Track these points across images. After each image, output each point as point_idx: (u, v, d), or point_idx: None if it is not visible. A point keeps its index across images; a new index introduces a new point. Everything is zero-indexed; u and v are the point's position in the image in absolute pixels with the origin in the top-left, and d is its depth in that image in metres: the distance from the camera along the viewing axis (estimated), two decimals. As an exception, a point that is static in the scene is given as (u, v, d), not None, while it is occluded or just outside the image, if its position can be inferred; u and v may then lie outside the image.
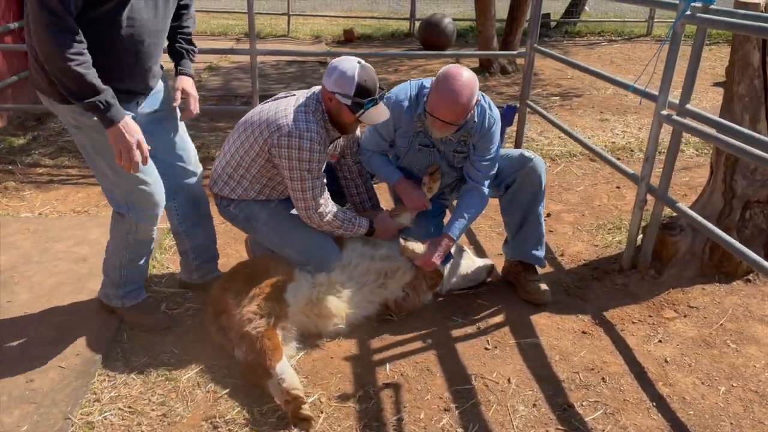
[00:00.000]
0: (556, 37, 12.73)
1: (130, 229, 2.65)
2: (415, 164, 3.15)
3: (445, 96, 2.74)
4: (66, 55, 2.11)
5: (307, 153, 2.68)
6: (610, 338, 2.92)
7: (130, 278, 2.83)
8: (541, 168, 3.08)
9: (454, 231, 3.00)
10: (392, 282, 2.99)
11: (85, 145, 2.46)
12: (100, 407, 2.40)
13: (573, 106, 7.50)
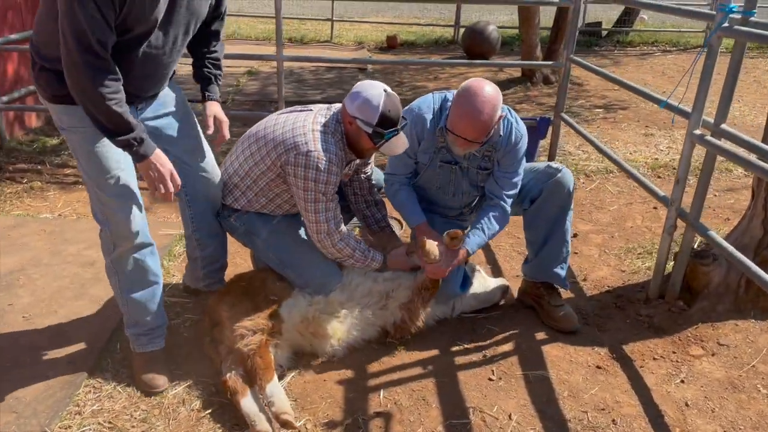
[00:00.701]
0: (607, 46, 12.32)
1: (110, 247, 2.45)
2: (435, 182, 2.99)
3: (466, 112, 2.58)
4: (103, 94, 2.06)
5: (325, 174, 2.57)
6: (627, 375, 2.69)
7: (134, 317, 2.57)
8: (569, 180, 2.89)
9: (472, 245, 2.83)
10: (392, 302, 2.84)
11: (75, 149, 2.36)
12: (81, 420, 2.34)
13: (617, 118, 7.19)
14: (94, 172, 2.30)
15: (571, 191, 2.88)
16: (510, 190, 2.87)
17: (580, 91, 8.51)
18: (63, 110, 2.24)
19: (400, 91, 8.53)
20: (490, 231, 2.87)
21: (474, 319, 3.09)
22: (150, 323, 2.59)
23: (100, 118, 2.12)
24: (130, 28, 2.11)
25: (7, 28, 5.32)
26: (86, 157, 2.30)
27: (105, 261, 2.50)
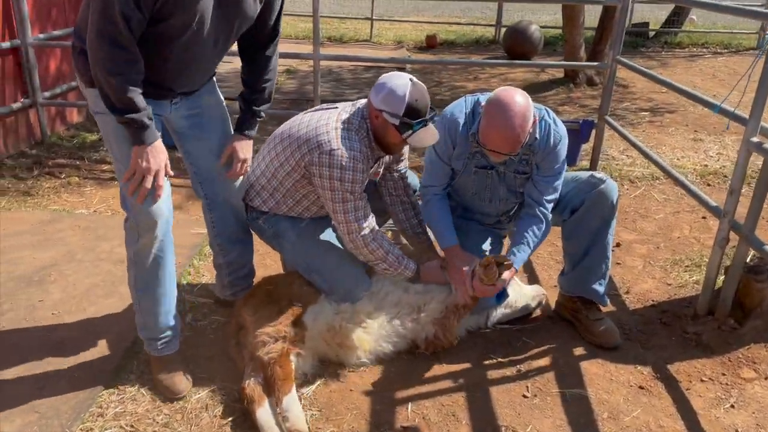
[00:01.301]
0: (655, 47, 11.94)
1: (133, 236, 2.37)
2: (470, 188, 2.86)
3: (496, 127, 2.45)
4: (113, 68, 2.02)
5: (350, 173, 2.48)
6: (672, 397, 2.52)
7: (149, 320, 2.48)
8: (613, 192, 2.73)
9: (518, 262, 2.70)
10: (424, 317, 2.73)
11: (106, 132, 2.31)
12: (102, 423, 2.30)
13: (664, 122, 6.93)
14: (124, 157, 2.24)
15: (614, 203, 2.73)
16: (550, 195, 2.73)
17: (625, 94, 8.24)
18: (98, 94, 2.15)
19: (438, 91, 8.41)
20: (534, 244, 2.74)
21: (509, 331, 2.96)
22: (161, 327, 2.49)
23: (108, 90, 2.06)
24: (167, 15, 2.06)
25: (50, 25, 5.39)
26: (117, 140, 2.25)
27: (127, 253, 2.44)
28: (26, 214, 4.00)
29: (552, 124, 2.65)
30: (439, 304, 2.73)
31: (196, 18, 2.11)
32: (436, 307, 2.72)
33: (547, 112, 2.68)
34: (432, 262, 2.82)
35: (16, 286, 3.11)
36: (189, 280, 3.29)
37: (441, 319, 2.74)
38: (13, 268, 3.28)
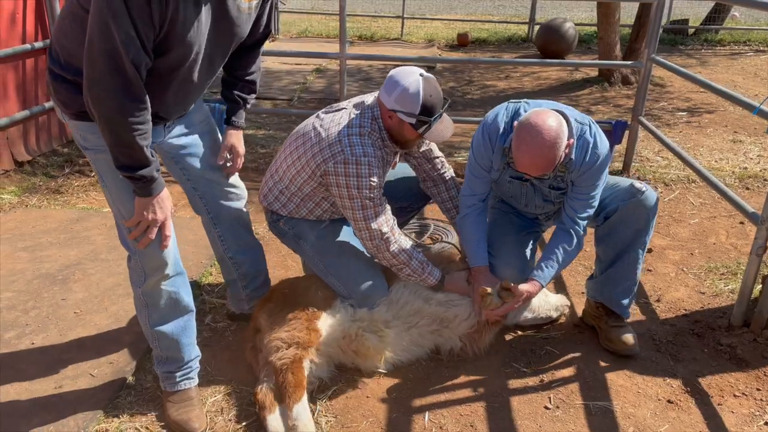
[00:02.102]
0: (694, 45, 11.60)
1: (140, 277, 2.22)
2: (507, 192, 2.82)
3: (526, 152, 2.35)
4: (130, 124, 1.86)
5: (366, 180, 2.45)
6: (702, 413, 2.41)
7: (165, 352, 2.36)
8: (651, 203, 2.62)
9: (545, 279, 2.61)
10: (447, 331, 2.67)
11: (101, 170, 2.11)
12: (118, 424, 2.30)
13: (702, 123, 6.71)
14: (123, 197, 2.09)
15: (651, 216, 2.62)
16: (584, 213, 2.62)
17: (662, 93, 8.02)
18: (88, 128, 2.01)
19: (468, 90, 8.30)
20: (563, 262, 2.65)
21: (533, 339, 2.87)
22: (183, 358, 2.37)
23: (120, 148, 1.90)
24: (167, 50, 1.91)
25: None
26: (115, 180, 2.07)
27: (134, 292, 2.29)
28: (55, 212, 4.05)
29: (591, 144, 2.50)
30: (463, 322, 2.66)
31: (194, 48, 1.98)
32: (462, 326, 2.66)
33: (590, 128, 2.53)
34: (459, 272, 2.76)
35: (41, 284, 3.15)
36: (210, 280, 3.29)
37: (472, 333, 2.68)
38: (39, 266, 3.32)
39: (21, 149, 4.73)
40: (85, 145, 2.09)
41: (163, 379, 2.39)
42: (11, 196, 4.30)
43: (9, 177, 4.56)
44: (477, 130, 2.70)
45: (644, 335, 2.87)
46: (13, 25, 4.60)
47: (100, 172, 2.12)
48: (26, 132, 4.80)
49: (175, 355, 2.36)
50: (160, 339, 2.33)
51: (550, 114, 2.36)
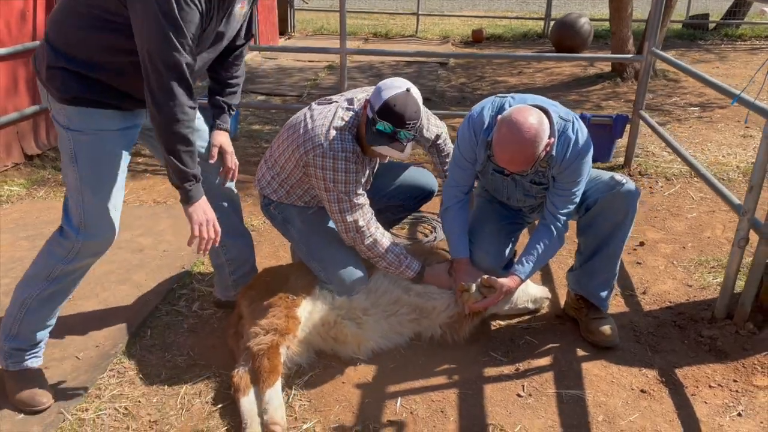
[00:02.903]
0: (714, 40, 11.41)
1: (67, 255, 2.28)
2: (489, 185, 2.86)
3: (505, 147, 2.37)
4: (188, 122, 2.08)
5: (343, 174, 2.51)
6: (674, 402, 2.41)
7: (26, 330, 2.34)
8: (631, 196, 2.61)
9: (525, 273, 2.63)
10: (427, 321, 2.71)
11: (67, 150, 2.21)
12: (98, 405, 2.38)
13: (714, 118, 6.62)
14: (92, 178, 2.21)
15: (630, 208, 2.61)
16: (564, 208, 2.62)
17: (675, 88, 7.92)
18: (78, 112, 2.15)
19: (479, 85, 8.29)
20: (544, 256, 2.66)
21: (513, 329, 2.89)
22: (38, 339, 2.39)
23: (182, 152, 2.10)
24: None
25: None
26: (90, 162, 2.20)
27: (43, 263, 2.31)
28: (59, 203, 4.17)
29: (573, 140, 2.50)
30: (443, 312, 2.69)
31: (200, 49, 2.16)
32: (440, 317, 2.70)
33: (573, 124, 2.53)
34: (439, 264, 2.80)
35: (37, 271, 3.26)
36: (201, 269, 3.37)
37: (451, 323, 2.71)
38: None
39: (31, 143, 4.88)
40: (69, 126, 2.17)
41: (8, 356, 2.36)
42: (20, 188, 4.44)
43: (19, 170, 4.71)
44: (462, 123, 2.72)
45: (626, 327, 2.87)
46: (24, 22, 4.75)
47: (75, 153, 2.19)
48: (36, 126, 4.94)
49: (33, 334, 2.37)
50: (29, 314, 2.33)
51: (532, 111, 2.36)
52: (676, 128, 6.25)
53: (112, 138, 2.23)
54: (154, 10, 1.93)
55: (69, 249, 2.28)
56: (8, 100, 4.63)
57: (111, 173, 2.26)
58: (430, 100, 7.14)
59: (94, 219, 2.26)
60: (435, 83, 8.21)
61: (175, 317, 2.95)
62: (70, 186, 2.25)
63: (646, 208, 4.23)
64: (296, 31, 11.98)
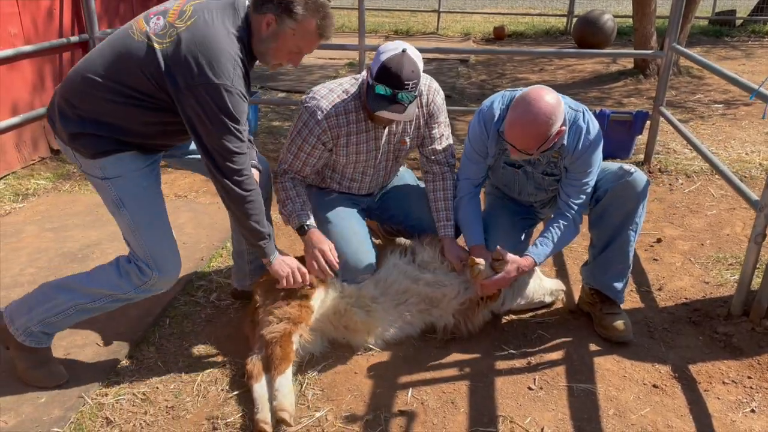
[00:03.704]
0: (740, 36, 11.22)
1: (142, 286, 2.34)
2: (501, 180, 2.87)
3: (518, 121, 2.40)
4: (256, 196, 2.28)
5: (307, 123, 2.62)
6: (687, 398, 2.40)
7: (59, 324, 2.41)
8: (640, 184, 2.61)
9: (539, 255, 2.64)
10: (437, 310, 2.73)
11: (111, 198, 2.30)
12: (117, 390, 2.45)
13: (738, 115, 6.53)
14: (143, 215, 2.30)
15: (641, 197, 2.60)
16: (578, 198, 2.64)
17: (699, 85, 7.82)
18: (111, 161, 2.23)
19: (499, 83, 8.27)
20: (559, 242, 2.67)
21: (526, 323, 2.90)
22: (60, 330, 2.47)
23: (253, 217, 2.28)
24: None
25: (117, 20, 5.72)
26: (136, 200, 2.30)
27: (109, 287, 2.35)
28: (83, 196, 4.28)
29: (584, 130, 2.53)
30: (453, 299, 2.71)
31: None
32: (451, 305, 2.72)
33: (583, 115, 2.57)
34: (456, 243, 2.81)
35: (61, 261, 3.35)
36: (219, 261, 3.43)
37: (464, 310, 2.73)
38: (62, 245, 3.53)
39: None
40: (105, 175, 2.26)
41: (31, 335, 2.39)
42: (46, 181, 4.56)
43: (45, 164, 4.83)
44: (473, 117, 2.75)
45: (640, 323, 2.86)
46: (51, 19, 4.86)
47: (120, 198, 2.28)
48: (62, 122, 5.06)
49: (57, 330, 2.45)
50: (68, 319, 2.38)
51: (550, 92, 2.40)
52: (699, 125, 6.18)
53: (145, 174, 2.33)
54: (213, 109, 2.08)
55: (145, 281, 2.35)
56: (35, 96, 4.75)
57: (156, 205, 2.36)
58: (450, 97, 7.14)
59: (160, 253, 2.35)
60: (455, 80, 8.21)
61: (193, 307, 3.01)
62: (125, 230, 2.34)
63: (665, 205, 4.20)
64: (318, 29, 12.05)
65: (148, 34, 2.11)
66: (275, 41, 2.19)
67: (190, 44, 2.05)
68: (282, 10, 2.13)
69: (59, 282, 2.40)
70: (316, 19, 2.16)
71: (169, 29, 2.10)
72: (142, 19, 2.19)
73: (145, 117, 2.20)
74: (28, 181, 4.51)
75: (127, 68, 2.13)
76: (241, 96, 2.12)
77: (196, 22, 2.09)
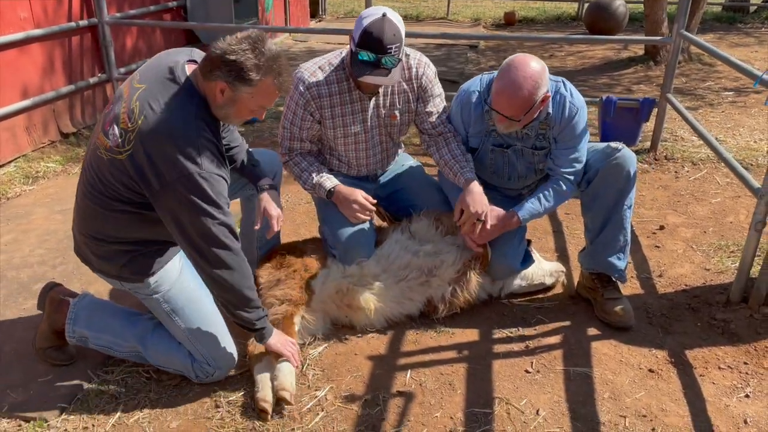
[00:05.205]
0: (754, 23, 11.08)
1: (201, 377, 2.40)
2: (489, 166, 2.85)
3: (504, 87, 2.44)
4: (251, 286, 2.22)
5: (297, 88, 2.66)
6: (682, 382, 2.43)
7: (111, 353, 2.48)
8: (629, 162, 2.64)
9: (524, 213, 2.69)
10: (436, 279, 2.76)
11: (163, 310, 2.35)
12: (123, 368, 2.51)
13: (748, 103, 6.47)
14: (196, 318, 2.36)
15: (630, 175, 2.63)
16: (568, 167, 2.69)
17: (710, 72, 7.74)
18: (156, 278, 2.28)
19: (508, 69, 8.22)
20: (546, 202, 2.72)
21: (526, 308, 2.93)
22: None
23: (244, 308, 2.22)
24: None
25: (126, 4, 5.75)
26: (187, 305, 2.34)
27: (169, 356, 2.40)
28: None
29: (568, 95, 2.61)
30: (450, 267, 2.75)
31: None
32: (448, 271, 2.75)
33: (564, 84, 2.65)
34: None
35: (69, 242, 3.34)
36: (224, 244, 3.47)
37: (458, 276, 2.76)
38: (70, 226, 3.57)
39: (67, 121, 5.06)
40: (158, 291, 2.30)
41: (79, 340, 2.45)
42: (56, 164, 4.62)
43: (55, 147, 4.89)
44: (453, 101, 2.83)
45: (639, 308, 2.88)
46: (60, 4, 4.90)
47: (173, 309, 2.33)
48: (72, 105, 5.12)
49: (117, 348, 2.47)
50: (123, 355, 2.47)
51: (535, 58, 2.46)
52: (708, 113, 6.14)
53: (185, 273, 2.36)
54: (192, 200, 2.01)
55: (207, 376, 2.41)
56: (45, 80, 4.80)
57: (204, 303, 2.40)
58: (457, 83, 7.12)
59: (217, 354, 2.39)
60: (464, 66, 8.18)
61: (198, 289, 3.06)
62: (181, 338, 2.38)
63: (669, 193, 4.20)
64: (327, 14, 12.01)
65: (111, 149, 2.07)
66: (233, 106, 2.08)
67: (148, 146, 2.00)
68: (234, 77, 2.00)
69: (141, 333, 2.42)
70: (271, 78, 2.03)
71: (126, 136, 2.04)
72: (101, 133, 2.14)
73: (152, 219, 2.17)
74: (38, 164, 4.57)
75: (111, 185, 2.12)
76: (215, 177, 2.04)
77: (146, 119, 2.01)
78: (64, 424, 2.24)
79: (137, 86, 2.11)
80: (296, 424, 2.24)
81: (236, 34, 2.01)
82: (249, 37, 1.99)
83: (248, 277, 2.21)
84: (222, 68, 1.99)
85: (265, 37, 2.04)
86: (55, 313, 2.47)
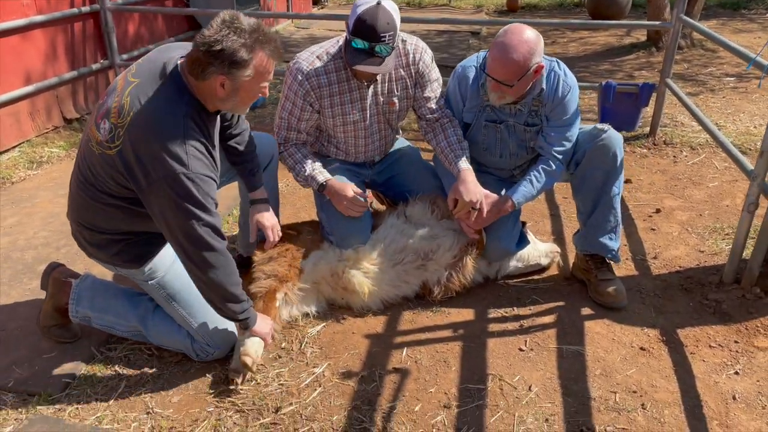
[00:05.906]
0: (758, 9, 11.00)
1: (200, 355, 2.46)
2: (482, 143, 2.88)
3: (499, 50, 2.49)
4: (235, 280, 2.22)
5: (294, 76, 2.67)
6: (672, 360, 2.48)
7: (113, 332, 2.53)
8: (615, 143, 2.68)
9: (518, 196, 2.74)
10: (432, 263, 2.80)
11: (161, 295, 2.39)
12: (126, 345, 2.57)
13: (749, 89, 6.46)
14: (194, 301, 2.38)
15: (617, 155, 2.67)
16: (559, 146, 2.74)
17: (712, 58, 7.72)
18: (150, 265, 2.33)
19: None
20: (538, 183, 2.76)
21: (521, 288, 2.97)
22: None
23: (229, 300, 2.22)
24: None
25: (128, -9, 5.78)
26: (183, 289, 2.38)
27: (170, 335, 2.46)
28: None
29: (561, 74, 2.66)
30: (446, 252, 2.79)
31: None
32: (445, 256, 2.80)
33: (557, 63, 2.69)
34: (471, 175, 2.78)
35: (73, 225, 3.46)
36: (225, 228, 3.53)
37: (454, 261, 2.81)
38: (75, 210, 3.64)
39: (70, 107, 5.10)
40: (153, 276, 2.35)
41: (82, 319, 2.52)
42: (59, 149, 4.67)
43: (58, 133, 4.94)
44: (450, 78, 2.87)
45: (632, 289, 2.92)
46: (62, -10, 4.93)
47: (170, 294, 2.38)
48: (75, 91, 5.16)
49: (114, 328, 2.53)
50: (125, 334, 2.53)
51: (530, 27, 2.52)
52: (709, 98, 6.14)
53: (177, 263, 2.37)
54: (177, 200, 2.00)
55: (207, 355, 2.47)
56: (48, 66, 4.84)
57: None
58: (458, 69, 7.13)
59: (216, 335, 2.43)
60: (466, 52, 8.17)
61: (199, 270, 3.11)
62: (180, 321, 2.43)
63: (667, 177, 4.23)
64: (330, 1, 11.99)
65: (102, 143, 2.07)
66: (236, 95, 2.07)
67: (136, 144, 2.00)
68: (229, 66, 1.96)
69: (142, 314, 2.47)
70: (261, 50, 2.00)
71: (116, 131, 2.03)
72: (93, 125, 2.14)
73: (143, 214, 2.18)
74: (42, 149, 4.62)
75: (102, 179, 2.13)
76: (202, 178, 2.03)
77: (135, 116, 2.01)
78: (68, 398, 2.30)
79: (131, 80, 2.11)
80: (294, 399, 2.30)
81: (210, 24, 1.96)
82: (224, 21, 1.95)
83: (232, 273, 2.21)
84: (213, 62, 1.95)
85: (238, 13, 2.01)
86: (58, 293, 2.53)
